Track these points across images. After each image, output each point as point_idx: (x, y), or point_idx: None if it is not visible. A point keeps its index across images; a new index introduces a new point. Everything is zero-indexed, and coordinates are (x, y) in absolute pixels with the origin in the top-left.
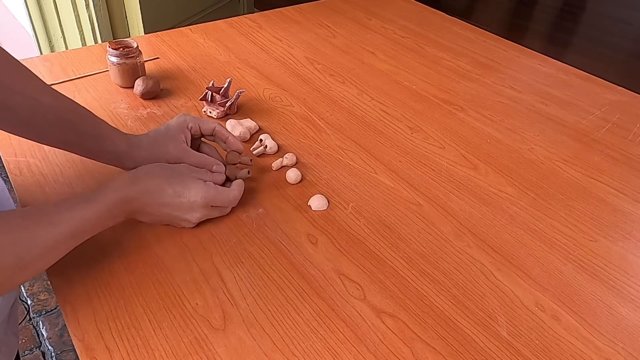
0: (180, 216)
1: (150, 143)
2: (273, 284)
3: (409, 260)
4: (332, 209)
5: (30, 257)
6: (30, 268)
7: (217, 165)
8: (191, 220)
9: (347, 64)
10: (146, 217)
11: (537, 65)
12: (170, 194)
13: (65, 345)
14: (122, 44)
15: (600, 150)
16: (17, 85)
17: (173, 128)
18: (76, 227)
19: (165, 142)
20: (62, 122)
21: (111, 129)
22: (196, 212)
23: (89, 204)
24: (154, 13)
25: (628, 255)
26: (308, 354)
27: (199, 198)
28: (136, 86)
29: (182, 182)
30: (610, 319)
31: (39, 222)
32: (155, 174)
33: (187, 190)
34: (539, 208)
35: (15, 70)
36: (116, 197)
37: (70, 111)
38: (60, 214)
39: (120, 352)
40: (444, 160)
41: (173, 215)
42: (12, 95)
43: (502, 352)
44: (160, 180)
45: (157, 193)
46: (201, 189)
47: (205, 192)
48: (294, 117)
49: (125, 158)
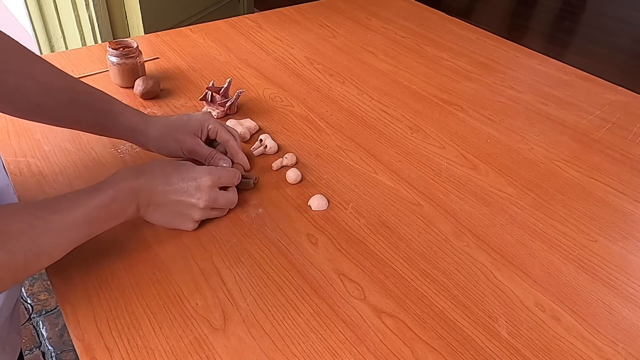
0: (187, 200)
1: (168, 126)
2: (273, 284)
3: (409, 260)
4: (332, 209)
5: (45, 245)
6: (44, 257)
7: (224, 159)
8: (199, 205)
9: (347, 64)
10: (153, 211)
11: (537, 65)
12: (176, 177)
13: (65, 345)
14: (122, 44)
15: (600, 150)
16: (27, 70)
17: (195, 121)
18: (88, 214)
19: (183, 130)
20: (76, 102)
21: (124, 105)
22: (203, 194)
23: (98, 192)
24: (154, 13)
25: (628, 255)
26: (308, 354)
27: (205, 176)
28: (136, 86)
29: (188, 167)
30: (610, 319)
31: (53, 211)
32: (160, 164)
33: (192, 173)
34: (539, 208)
35: (24, 56)
36: (123, 185)
37: (82, 91)
38: (71, 202)
39: (120, 352)
40: (444, 160)
41: (180, 202)
42: (23, 80)
43: (502, 352)
44: (166, 167)
45: (163, 177)
46: (206, 169)
47: (211, 171)
48: (294, 117)
49: (139, 133)
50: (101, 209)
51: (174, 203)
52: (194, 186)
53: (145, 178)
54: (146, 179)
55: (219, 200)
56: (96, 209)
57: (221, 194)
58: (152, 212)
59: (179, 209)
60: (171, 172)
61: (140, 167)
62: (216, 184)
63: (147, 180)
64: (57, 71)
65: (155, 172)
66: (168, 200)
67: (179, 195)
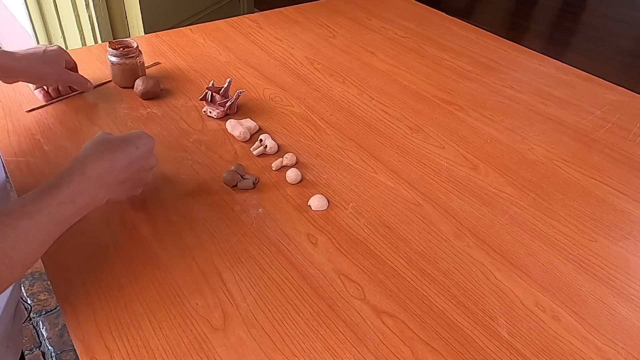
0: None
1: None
2: (273, 284)
3: (409, 260)
4: (332, 209)
5: (17, 254)
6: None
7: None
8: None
9: (347, 64)
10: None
11: (537, 65)
12: (131, 146)
13: (65, 345)
14: (122, 44)
15: (600, 150)
16: None
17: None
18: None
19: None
20: None
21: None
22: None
23: (59, 187)
24: (154, 13)
25: (628, 255)
26: (308, 354)
27: (147, 137)
28: (136, 86)
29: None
30: (610, 319)
31: (18, 217)
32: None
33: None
34: (539, 208)
35: None
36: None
37: None
38: (35, 204)
39: (120, 352)
40: (444, 160)
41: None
42: None
43: (502, 352)
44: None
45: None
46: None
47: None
48: (294, 117)
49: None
50: (67, 204)
51: (136, 172)
52: (147, 151)
53: (106, 158)
54: (108, 159)
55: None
56: (62, 206)
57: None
58: (118, 191)
59: (140, 177)
60: (123, 143)
61: (93, 148)
62: (152, 146)
63: (109, 161)
64: None
65: (110, 148)
66: (130, 171)
67: (139, 162)
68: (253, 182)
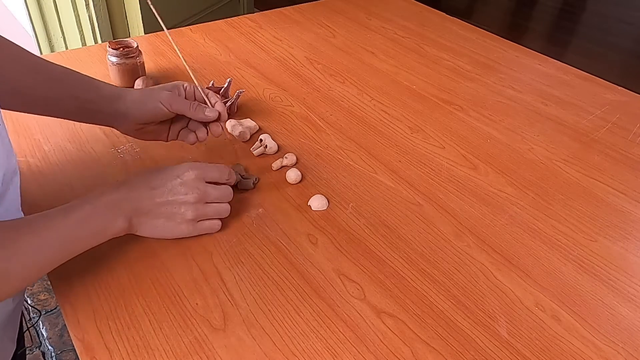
0: (175, 199)
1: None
2: (273, 284)
3: (409, 260)
4: (332, 209)
5: (15, 267)
6: (14, 279)
7: (208, 108)
8: (189, 200)
9: (347, 64)
10: (145, 222)
11: (537, 65)
12: (158, 179)
13: (65, 345)
14: (122, 44)
15: (600, 150)
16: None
17: (169, 85)
18: (63, 233)
19: (160, 90)
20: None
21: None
22: (191, 189)
23: (73, 209)
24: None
25: (628, 255)
26: (308, 354)
27: (188, 170)
28: (136, 86)
29: (167, 168)
30: (610, 319)
31: (24, 232)
32: (140, 173)
33: (174, 171)
34: (539, 208)
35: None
36: (102, 200)
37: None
38: (46, 221)
39: (120, 352)
40: (444, 160)
41: (168, 202)
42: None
43: (502, 352)
44: (145, 174)
45: (144, 183)
46: (188, 165)
47: (193, 165)
48: (294, 117)
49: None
50: (77, 226)
51: (163, 205)
52: (179, 183)
53: (125, 189)
54: (127, 190)
55: (211, 193)
56: (71, 227)
57: (212, 187)
58: (144, 224)
59: (170, 211)
60: (152, 177)
61: (120, 181)
62: (202, 177)
63: (127, 191)
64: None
65: (135, 180)
66: (155, 204)
67: (165, 196)
68: (253, 182)
